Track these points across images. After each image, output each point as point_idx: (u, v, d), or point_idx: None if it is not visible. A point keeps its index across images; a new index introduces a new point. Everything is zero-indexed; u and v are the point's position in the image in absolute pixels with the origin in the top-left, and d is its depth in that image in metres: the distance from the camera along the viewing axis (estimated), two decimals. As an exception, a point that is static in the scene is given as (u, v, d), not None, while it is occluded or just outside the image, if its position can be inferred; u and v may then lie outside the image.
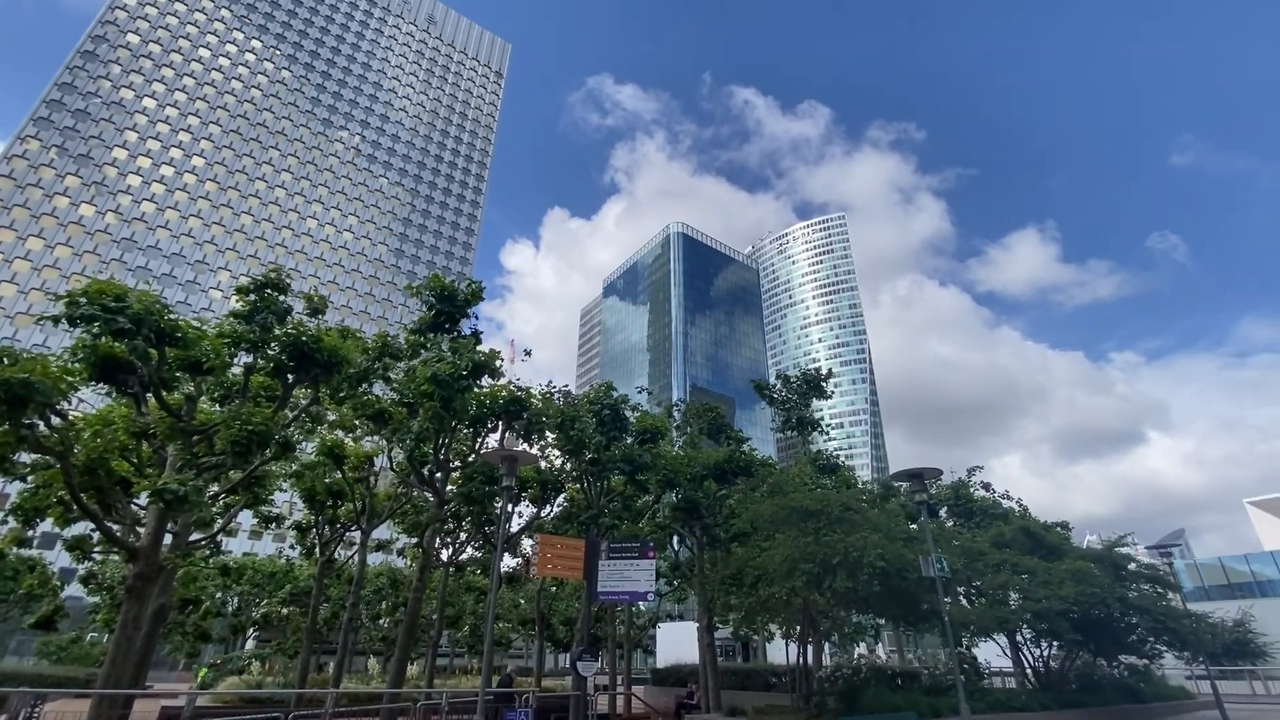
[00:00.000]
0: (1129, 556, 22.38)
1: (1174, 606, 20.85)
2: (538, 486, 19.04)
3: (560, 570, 13.72)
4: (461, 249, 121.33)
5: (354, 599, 20.13)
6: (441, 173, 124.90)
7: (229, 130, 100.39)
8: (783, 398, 25.91)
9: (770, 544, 14.30)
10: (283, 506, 37.50)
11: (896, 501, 23.39)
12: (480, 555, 25.22)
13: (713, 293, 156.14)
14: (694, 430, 23.52)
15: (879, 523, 14.41)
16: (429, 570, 17.81)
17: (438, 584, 24.85)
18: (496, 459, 12.04)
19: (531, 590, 33.26)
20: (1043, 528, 23.54)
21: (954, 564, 16.05)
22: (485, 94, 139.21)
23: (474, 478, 16.21)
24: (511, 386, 15.20)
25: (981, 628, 17.94)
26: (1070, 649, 20.02)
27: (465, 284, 16.50)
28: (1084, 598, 17.19)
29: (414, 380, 13.80)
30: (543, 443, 17.95)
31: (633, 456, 17.06)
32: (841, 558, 12.17)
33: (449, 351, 14.61)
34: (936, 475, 12.86)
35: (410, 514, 19.91)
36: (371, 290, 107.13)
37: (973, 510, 25.90)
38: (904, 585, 12.88)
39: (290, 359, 13.87)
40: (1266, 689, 29.45)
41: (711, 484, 19.93)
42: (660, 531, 22.39)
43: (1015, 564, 18.87)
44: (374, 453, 20.34)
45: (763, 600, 14.08)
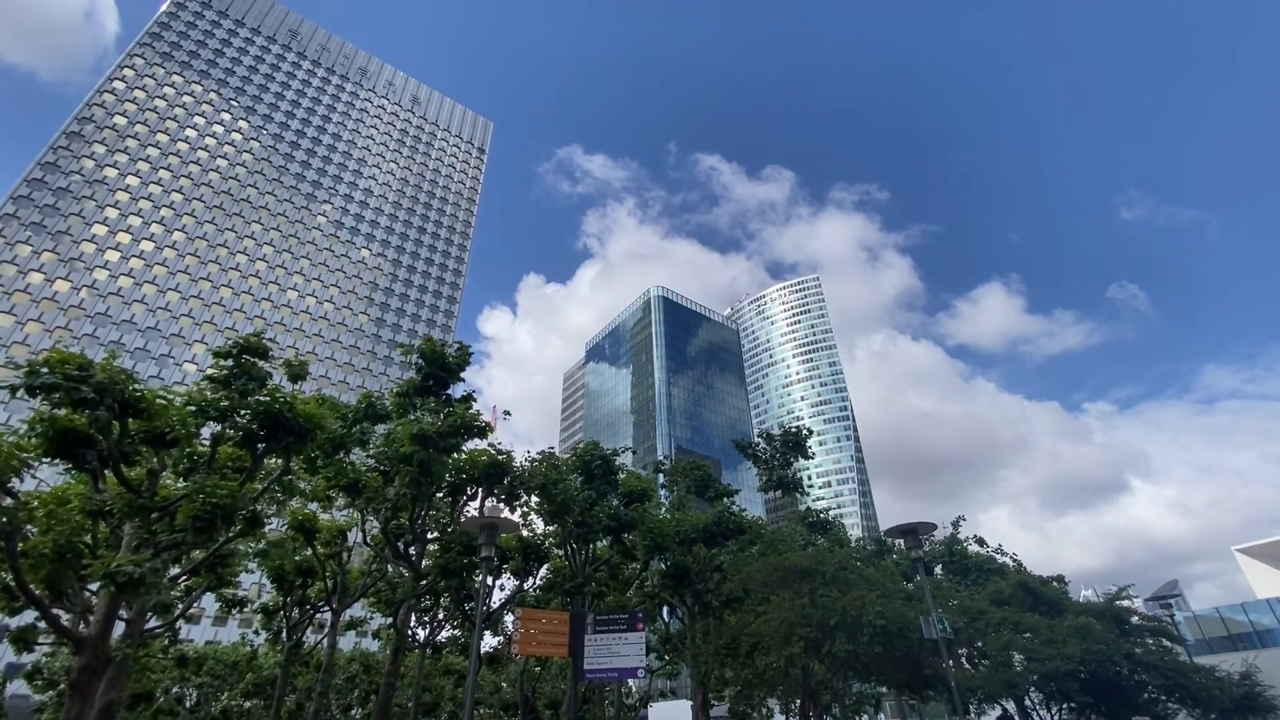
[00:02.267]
0: (1131, 610, 21.88)
1: (1182, 661, 20.24)
2: (520, 556, 18.23)
3: (544, 648, 12.92)
4: (443, 317, 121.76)
5: (323, 687, 18.72)
6: (424, 244, 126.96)
7: (212, 207, 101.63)
8: (766, 456, 25.58)
9: (765, 607, 13.68)
10: (250, 589, 35.54)
11: (891, 559, 22.81)
12: (459, 635, 23.84)
13: (694, 354, 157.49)
14: (681, 489, 22.99)
15: (875, 580, 13.91)
16: (403, 652, 16.69)
17: (413, 668, 23.32)
18: (476, 527, 11.50)
19: (514, 671, 31.36)
20: (1040, 582, 23.03)
21: (955, 623, 15.47)
22: (468, 169, 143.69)
23: (451, 548, 15.46)
24: (492, 450, 14.76)
25: (989, 693, 17.13)
26: (1081, 711, 19.12)
27: (454, 348, 16.34)
28: (1091, 656, 16.59)
29: (393, 443, 13.34)
30: (525, 508, 17.32)
31: (619, 515, 16.51)
32: (840, 618, 11.63)
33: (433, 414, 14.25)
34: (931, 530, 12.53)
35: (385, 591, 18.88)
36: (351, 360, 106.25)
37: (968, 567, 25.35)
38: (906, 646, 12.28)
39: (262, 427, 13.38)
40: (1283, 748, 28.25)
41: (701, 548, 19.28)
42: (649, 601, 21.45)
43: (1017, 622, 18.26)
44: (347, 526, 19.44)
45: (760, 671, 13.31)
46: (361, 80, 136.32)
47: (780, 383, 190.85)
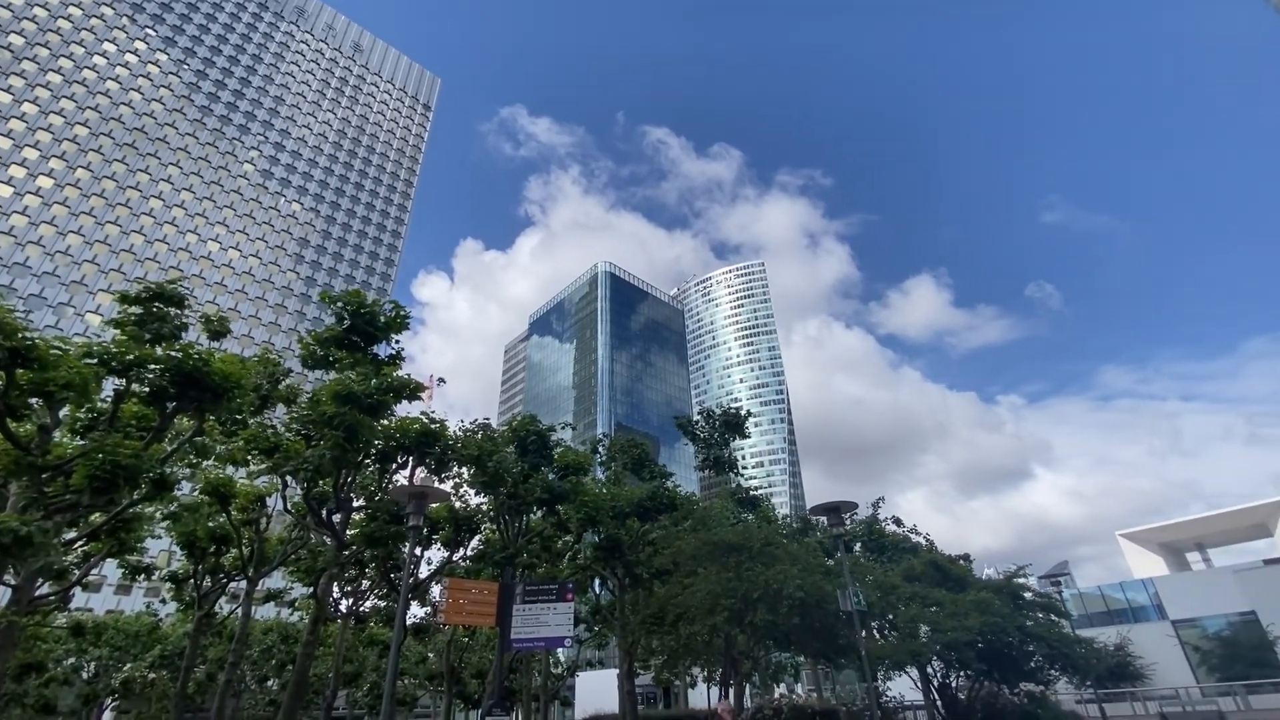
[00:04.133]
0: (1026, 586, 23.75)
1: (1065, 633, 22.17)
2: (450, 526, 17.93)
3: (471, 617, 12.82)
4: (379, 280, 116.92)
5: (235, 658, 17.97)
6: (361, 202, 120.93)
7: (122, 144, 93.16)
8: (705, 435, 26.09)
9: (692, 580, 14.04)
10: (157, 556, 33.54)
11: (814, 536, 23.81)
12: (384, 605, 23.37)
13: (639, 332, 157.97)
14: (618, 466, 23.17)
15: (798, 556, 14.50)
16: (324, 622, 16.21)
17: (335, 638, 22.75)
18: (404, 495, 11.20)
19: (441, 641, 31.12)
20: (948, 561, 24.62)
21: (869, 597, 16.35)
22: (411, 125, 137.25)
23: (378, 517, 15.03)
24: (425, 417, 14.34)
25: (896, 661, 18.26)
26: (976, 678, 20.71)
27: (390, 308, 15.63)
28: (988, 628, 17.93)
29: (316, 404, 12.71)
30: (458, 479, 17.00)
31: (554, 488, 16.45)
32: (762, 591, 12.08)
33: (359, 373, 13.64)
34: (853, 509, 13.13)
35: (306, 560, 18.22)
36: (278, 320, 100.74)
37: (885, 545, 26.79)
38: (823, 618, 12.92)
39: (173, 384, 12.49)
40: (1145, 709, 31.65)
41: (635, 522, 19.54)
42: (581, 573, 21.64)
43: (925, 596, 19.49)
44: (266, 491, 18.56)
45: (685, 641, 13.70)
46: (299, 20, 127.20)
47: (721, 364, 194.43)
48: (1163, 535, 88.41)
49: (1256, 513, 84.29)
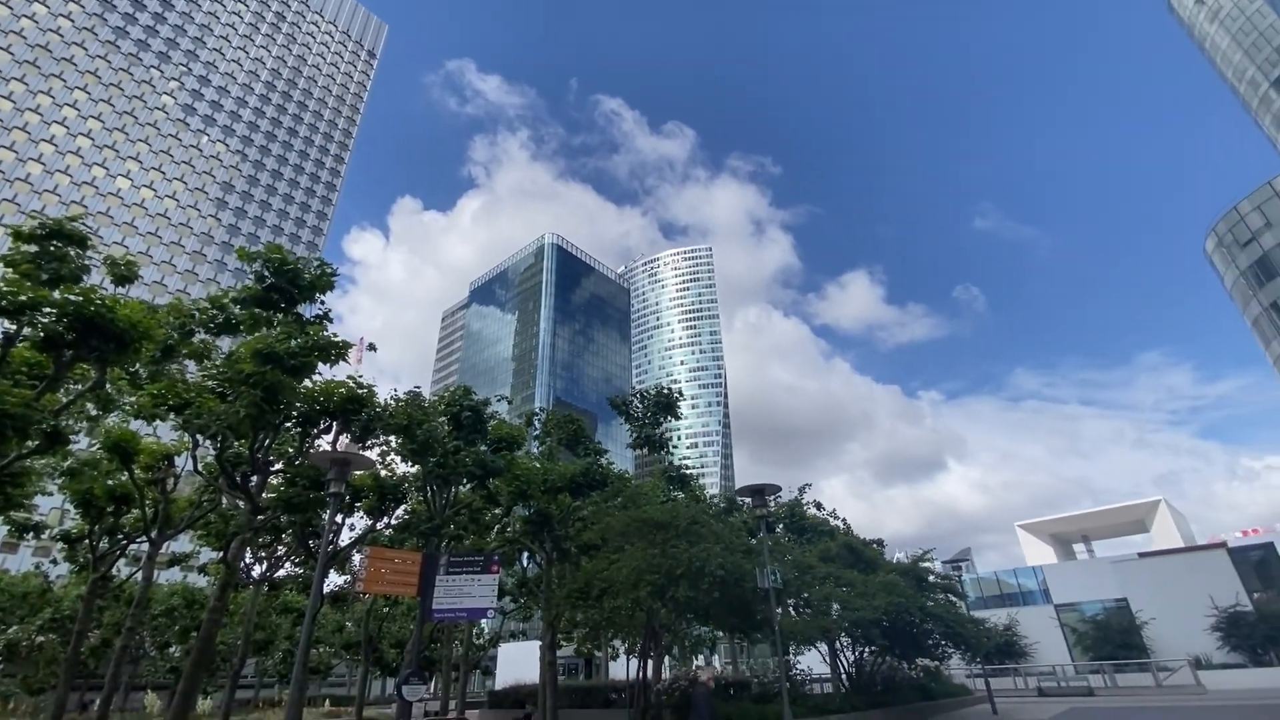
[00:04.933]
0: (930, 570, 25.44)
1: (961, 614, 23.95)
2: (375, 495, 17.43)
3: (392, 587, 12.59)
4: (310, 233, 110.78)
5: (134, 623, 16.99)
6: (294, 149, 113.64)
7: (21, 62, 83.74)
8: (639, 414, 26.33)
9: (619, 556, 14.27)
10: (49, 514, 31.10)
11: (739, 516, 24.60)
12: (301, 572, 22.61)
13: (583, 307, 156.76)
14: (553, 441, 23.08)
15: (722, 535, 14.96)
16: (234, 589, 15.55)
17: (245, 605, 21.87)
18: (326, 461, 10.81)
19: (360, 610, 30.47)
20: (862, 544, 26.03)
21: (787, 575, 17.10)
22: (354, 72, 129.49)
23: (298, 482, 14.44)
24: (352, 381, 13.79)
25: (807, 637, 19.27)
26: (879, 654, 22.16)
27: (315, 265, 14.82)
28: (893, 607, 19.15)
29: (234, 362, 11.99)
30: (385, 447, 16.51)
31: (485, 461, 16.22)
32: (685, 568, 12.42)
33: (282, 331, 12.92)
34: (777, 491, 13.63)
35: (216, 523, 17.34)
36: (195, 268, 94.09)
37: (805, 527, 28.01)
38: (741, 595, 13.43)
39: (71, 329, 11.50)
40: (1025, 684, 34.73)
41: (567, 497, 19.58)
42: (509, 546, 21.57)
43: (839, 577, 20.59)
44: (175, 450, 17.48)
45: (608, 614, 13.96)
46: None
47: (664, 346, 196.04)
48: (1054, 527, 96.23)
49: (1136, 510, 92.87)
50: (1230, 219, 52.37)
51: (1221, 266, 54.95)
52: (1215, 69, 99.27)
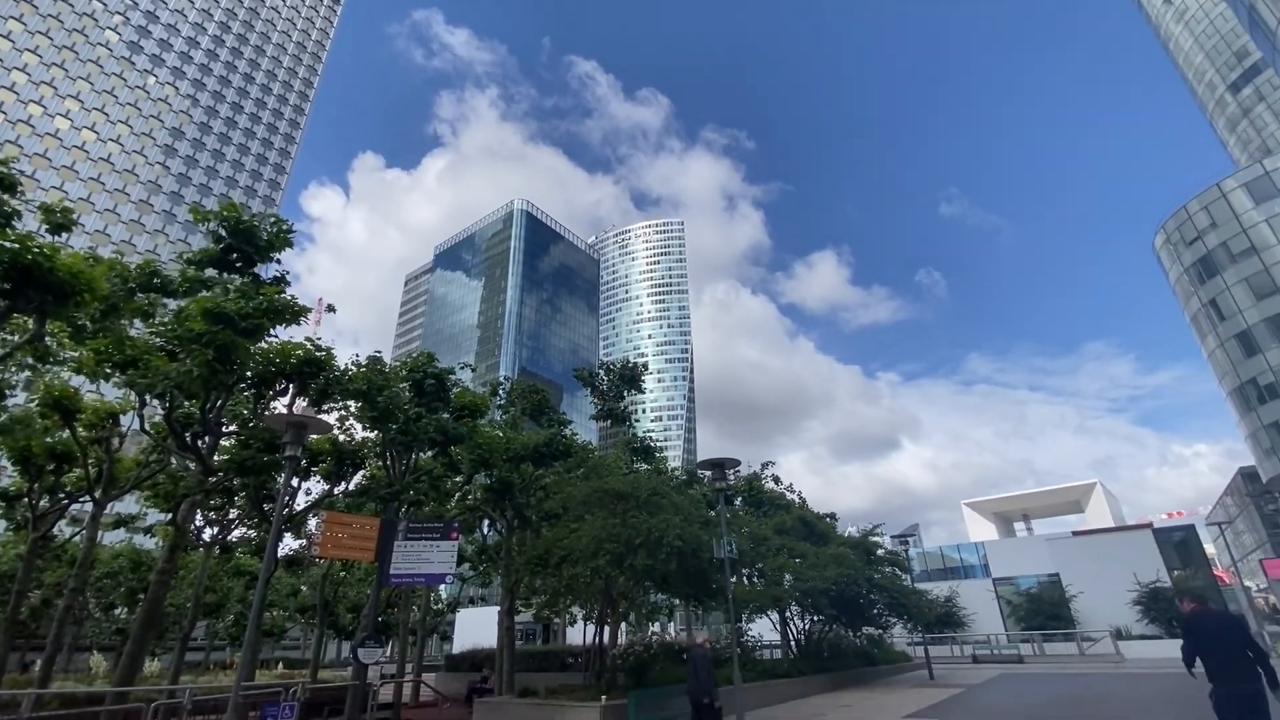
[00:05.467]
0: (879, 544, 26.45)
1: (905, 585, 25.03)
2: (333, 460, 17.12)
3: (349, 552, 12.48)
4: (267, 187, 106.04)
5: (77, 583, 16.48)
6: (250, 95, 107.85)
7: (-58, -20, 76.96)
8: (605, 387, 26.38)
9: (580, 525, 14.43)
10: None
11: (699, 489, 25.07)
12: (255, 536, 22.20)
13: (552, 277, 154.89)
14: (517, 411, 22.99)
15: (681, 506, 15.26)
16: (183, 550, 15.20)
17: (197, 567, 21.44)
18: (282, 424, 10.56)
19: (315, 575, 30.18)
20: (816, 517, 26.88)
21: (743, 547, 17.59)
22: (316, 15, 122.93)
23: (251, 444, 14.07)
24: (310, 343, 13.41)
25: (759, 605, 19.94)
26: (827, 622, 23.10)
27: (271, 223, 14.21)
28: (842, 579, 19.93)
29: (184, 319, 11.50)
30: (343, 412, 16.18)
31: (447, 429, 16.08)
32: (644, 538, 12.65)
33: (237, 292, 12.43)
34: (736, 465, 13.92)
35: (165, 484, 16.81)
36: (141, 218, 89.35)
37: (762, 501, 28.73)
38: (698, 564, 13.77)
39: (5, 279, 10.83)
40: (962, 651, 36.75)
41: (529, 466, 19.61)
42: (469, 514, 21.56)
43: (792, 549, 21.28)
44: (120, 409, 16.80)
45: (567, 581, 14.17)
46: None
47: (632, 319, 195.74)
48: (997, 506, 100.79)
49: (1073, 492, 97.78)
50: (1179, 217, 54.55)
51: (1167, 263, 57.39)
52: (1178, 69, 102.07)
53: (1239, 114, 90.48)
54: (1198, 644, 6.82)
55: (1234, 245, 49.59)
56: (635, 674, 14.90)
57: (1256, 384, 47.71)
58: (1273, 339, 46.48)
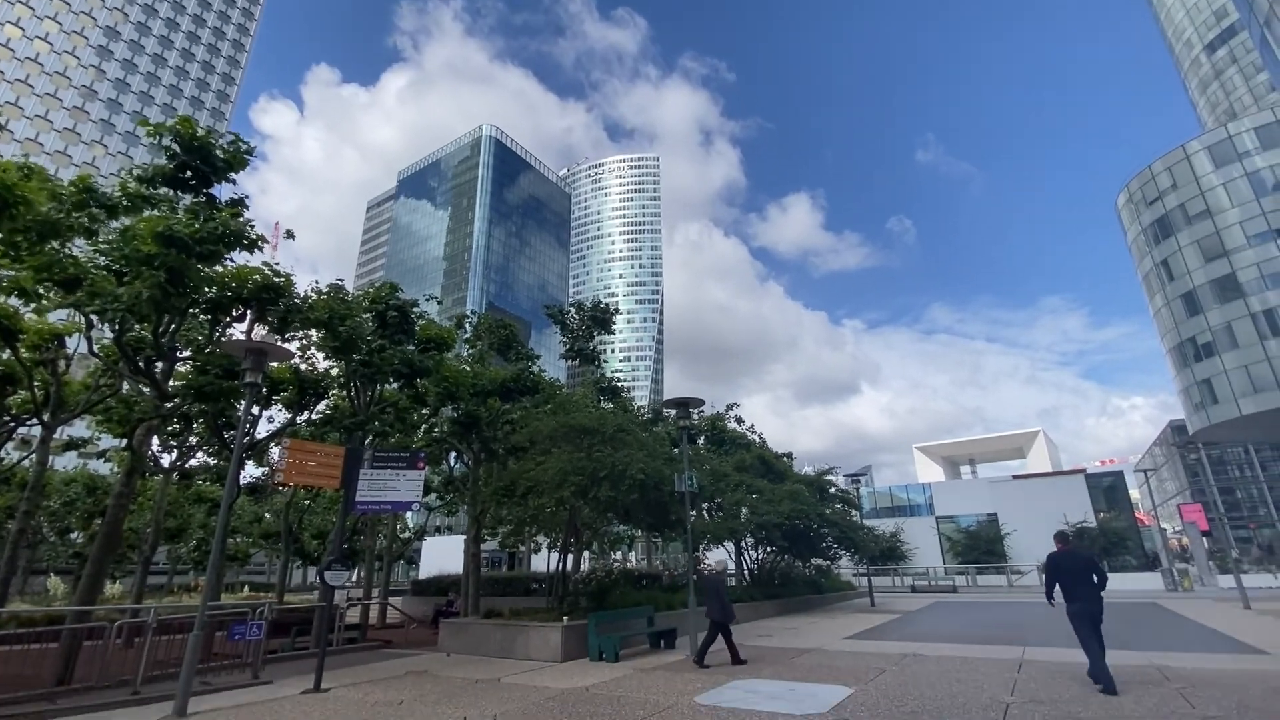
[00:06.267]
0: (831, 482, 27.71)
1: (854, 521, 26.47)
2: (295, 389, 16.90)
3: (313, 479, 12.54)
4: (215, 98, 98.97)
5: (29, 506, 16.22)
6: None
7: None
8: (574, 326, 26.31)
9: (546, 459, 14.72)
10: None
11: (664, 427, 25.66)
12: (215, 462, 22.02)
13: (521, 209, 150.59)
14: (484, 345, 22.85)
15: (645, 443, 15.65)
16: (141, 476, 15.03)
17: (155, 493, 21.25)
18: (240, 350, 10.34)
19: (279, 503, 30.26)
20: (774, 457, 27.89)
21: (703, 482, 18.24)
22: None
23: (209, 370, 13.75)
24: (267, 268, 12.95)
25: (717, 537, 20.89)
26: (779, 553, 24.39)
27: (229, 142, 13.37)
28: (796, 514, 20.93)
29: (131, 239, 10.94)
30: (304, 339, 15.86)
31: (412, 361, 15.96)
32: (608, 471, 13.01)
33: (188, 214, 11.81)
34: (700, 405, 14.27)
35: (118, 409, 16.41)
36: (76, 127, 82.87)
37: (725, 440, 29.62)
38: (659, 497, 14.29)
39: (-74, 188, 10.06)
40: (902, 582, 39.40)
41: (496, 401, 19.70)
42: (436, 446, 21.71)
43: (750, 485, 22.16)
44: (65, 330, 16.12)
45: (532, 512, 14.56)
46: None
47: (603, 258, 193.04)
48: (946, 450, 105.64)
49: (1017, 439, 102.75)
50: (1143, 177, 55.58)
51: (1127, 221, 58.84)
52: (1159, 26, 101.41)
53: (1211, 75, 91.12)
54: (1059, 575, 8.75)
55: (1191, 207, 51.00)
56: (596, 598, 15.63)
57: (1195, 342, 50.25)
58: (1215, 300, 48.69)
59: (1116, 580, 33.51)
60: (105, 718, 8.11)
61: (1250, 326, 46.26)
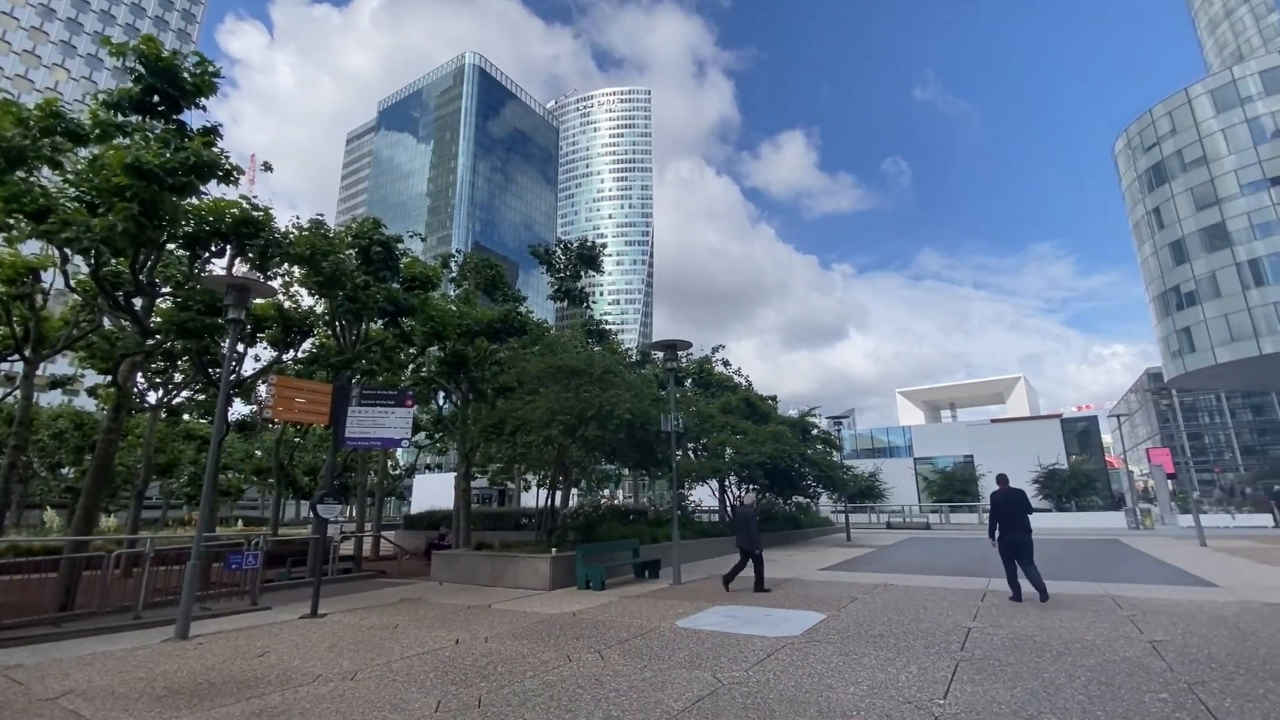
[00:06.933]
0: (814, 424, 28.30)
1: (834, 461, 27.24)
2: (279, 326, 16.73)
3: (302, 415, 12.60)
4: (180, 18, 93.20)
5: (19, 441, 16.23)
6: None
7: None
8: (561, 265, 26.02)
9: (534, 398, 14.88)
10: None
11: (652, 369, 25.88)
12: (202, 398, 22.01)
13: (507, 144, 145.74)
14: (470, 285, 22.61)
15: (633, 384, 15.84)
16: (126, 411, 15.01)
17: (144, 430, 21.31)
18: (222, 286, 10.18)
19: (269, 440, 30.49)
20: (760, 399, 28.34)
21: (689, 423, 18.58)
22: None
23: (191, 306, 13.55)
24: (245, 201, 12.57)
25: (701, 475, 21.48)
26: (761, 491, 25.17)
27: (195, 63, 12.67)
28: (778, 454, 21.48)
29: (101, 170, 10.53)
30: (287, 277, 15.59)
31: (397, 299, 15.81)
32: (596, 411, 13.21)
33: (158, 142, 11.32)
34: (687, 347, 14.37)
35: (100, 345, 16.21)
36: (35, 48, 78.03)
37: (711, 383, 29.96)
38: (646, 437, 14.59)
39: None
40: (878, 519, 40.96)
41: (484, 341, 19.67)
42: (424, 385, 21.79)
43: (734, 426, 22.61)
44: (40, 264, 15.71)
45: (521, 449, 14.83)
46: None
47: (592, 197, 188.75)
48: (928, 395, 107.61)
49: (997, 385, 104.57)
50: (1142, 122, 54.62)
51: (1123, 167, 58.21)
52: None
53: (1221, 15, 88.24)
54: (997, 512, 10.08)
55: (1188, 154, 50.45)
56: (584, 531, 16.17)
57: (1179, 291, 50.79)
58: (1202, 249, 48.92)
59: (1082, 519, 35.10)
60: (110, 640, 8.42)
61: (1234, 276, 46.74)
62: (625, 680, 5.84)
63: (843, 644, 7.19)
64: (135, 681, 6.16)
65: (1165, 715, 4.63)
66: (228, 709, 5.22)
